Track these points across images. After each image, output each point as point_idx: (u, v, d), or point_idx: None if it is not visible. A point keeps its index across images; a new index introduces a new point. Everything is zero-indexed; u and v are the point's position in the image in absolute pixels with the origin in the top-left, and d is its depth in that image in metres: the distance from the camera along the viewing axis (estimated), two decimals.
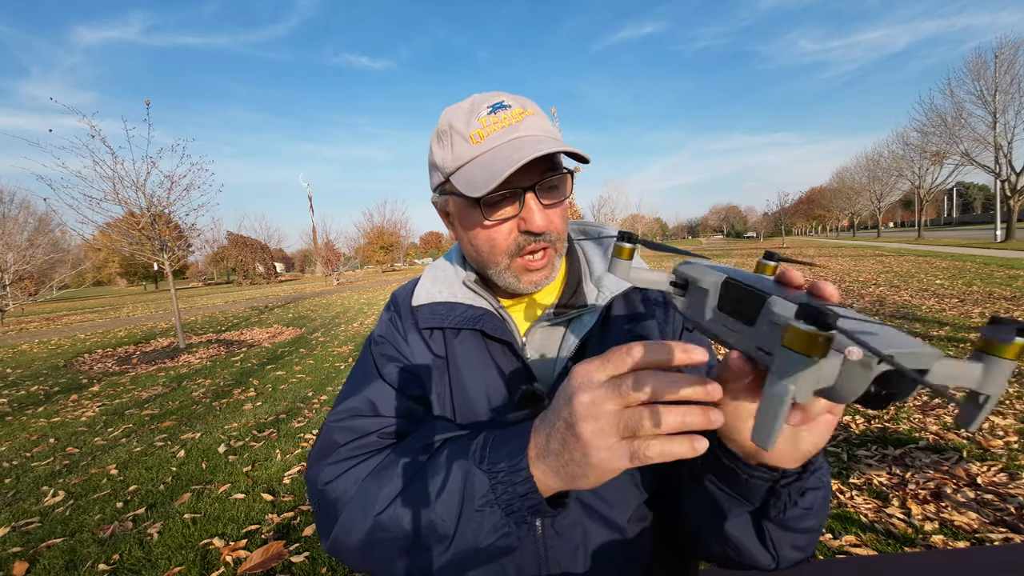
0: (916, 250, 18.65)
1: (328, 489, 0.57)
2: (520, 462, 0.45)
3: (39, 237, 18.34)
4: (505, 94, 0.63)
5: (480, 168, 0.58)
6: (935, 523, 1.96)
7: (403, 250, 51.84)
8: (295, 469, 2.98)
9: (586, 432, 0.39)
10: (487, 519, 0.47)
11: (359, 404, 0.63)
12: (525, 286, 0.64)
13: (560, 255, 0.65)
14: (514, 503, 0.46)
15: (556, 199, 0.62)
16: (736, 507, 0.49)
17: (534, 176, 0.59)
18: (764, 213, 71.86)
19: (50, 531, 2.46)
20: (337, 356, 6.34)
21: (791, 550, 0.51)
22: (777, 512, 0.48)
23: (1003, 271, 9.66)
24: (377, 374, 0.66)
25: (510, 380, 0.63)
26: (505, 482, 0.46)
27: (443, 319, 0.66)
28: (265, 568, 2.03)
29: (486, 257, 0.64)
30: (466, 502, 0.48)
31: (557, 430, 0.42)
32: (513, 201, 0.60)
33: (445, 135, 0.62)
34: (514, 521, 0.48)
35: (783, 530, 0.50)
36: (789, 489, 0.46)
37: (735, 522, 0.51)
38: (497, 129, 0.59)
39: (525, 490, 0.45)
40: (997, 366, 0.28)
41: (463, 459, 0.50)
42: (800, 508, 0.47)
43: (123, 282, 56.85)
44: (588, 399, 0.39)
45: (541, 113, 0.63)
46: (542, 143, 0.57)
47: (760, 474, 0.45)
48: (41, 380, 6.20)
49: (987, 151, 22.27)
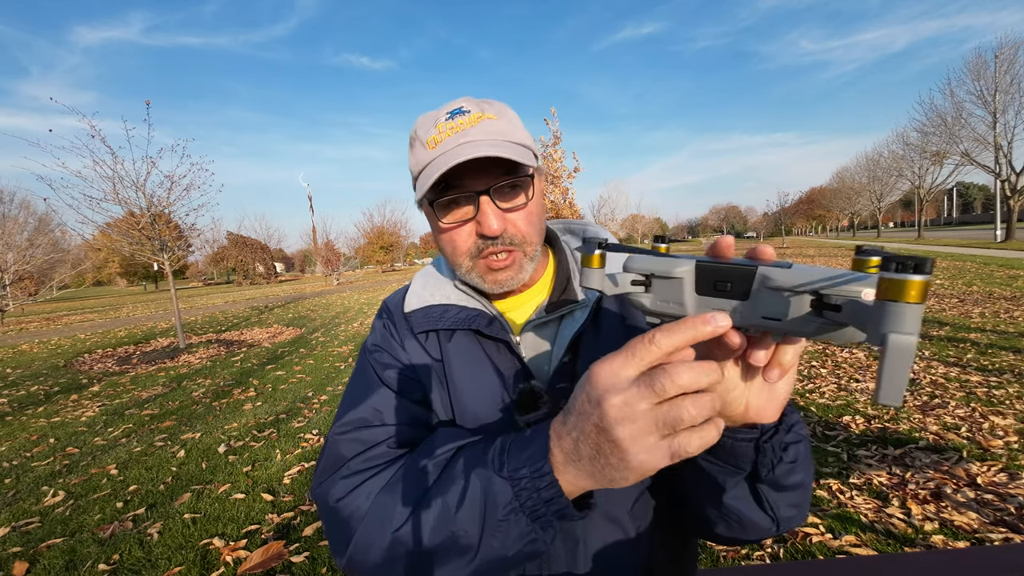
0: (916, 250, 18.65)
1: (340, 506, 0.55)
2: (543, 467, 0.45)
3: (39, 237, 18.34)
4: (471, 100, 0.64)
5: (428, 173, 0.60)
6: (935, 523, 1.96)
7: (403, 250, 51.85)
8: (295, 469, 2.98)
9: (623, 436, 0.38)
10: (513, 527, 0.47)
11: (364, 414, 0.63)
12: (490, 286, 0.64)
13: (530, 258, 0.65)
14: (539, 508, 0.46)
15: (515, 202, 0.62)
16: (730, 477, 0.51)
17: (489, 180, 0.60)
18: (764, 213, 71.92)
19: (50, 531, 2.46)
20: (337, 356, 6.35)
21: (787, 508, 0.53)
22: (767, 471, 0.49)
23: (1003, 271, 9.66)
24: (378, 381, 0.66)
25: (507, 379, 0.64)
26: (529, 488, 0.45)
27: (437, 321, 0.67)
28: (265, 568, 2.03)
29: (450, 259, 0.66)
30: (489, 512, 0.47)
31: (587, 435, 0.41)
32: (469, 204, 0.61)
33: (413, 141, 0.65)
34: (540, 527, 0.47)
35: (776, 490, 0.51)
36: (772, 444, 0.48)
37: (732, 493, 0.52)
38: (450, 135, 0.60)
39: (551, 495, 0.45)
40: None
41: (481, 467, 0.49)
42: (786, 463, 0.49)
43: (123, 282, 56.88)
44: (620, 401, 0.38)
45: (505, 117, 0.63)
46: (484, 147, 0.57)
47: (743, 435, 0.47)
48: (41, 380, 6.20)
49: (987, 151, 22.30)
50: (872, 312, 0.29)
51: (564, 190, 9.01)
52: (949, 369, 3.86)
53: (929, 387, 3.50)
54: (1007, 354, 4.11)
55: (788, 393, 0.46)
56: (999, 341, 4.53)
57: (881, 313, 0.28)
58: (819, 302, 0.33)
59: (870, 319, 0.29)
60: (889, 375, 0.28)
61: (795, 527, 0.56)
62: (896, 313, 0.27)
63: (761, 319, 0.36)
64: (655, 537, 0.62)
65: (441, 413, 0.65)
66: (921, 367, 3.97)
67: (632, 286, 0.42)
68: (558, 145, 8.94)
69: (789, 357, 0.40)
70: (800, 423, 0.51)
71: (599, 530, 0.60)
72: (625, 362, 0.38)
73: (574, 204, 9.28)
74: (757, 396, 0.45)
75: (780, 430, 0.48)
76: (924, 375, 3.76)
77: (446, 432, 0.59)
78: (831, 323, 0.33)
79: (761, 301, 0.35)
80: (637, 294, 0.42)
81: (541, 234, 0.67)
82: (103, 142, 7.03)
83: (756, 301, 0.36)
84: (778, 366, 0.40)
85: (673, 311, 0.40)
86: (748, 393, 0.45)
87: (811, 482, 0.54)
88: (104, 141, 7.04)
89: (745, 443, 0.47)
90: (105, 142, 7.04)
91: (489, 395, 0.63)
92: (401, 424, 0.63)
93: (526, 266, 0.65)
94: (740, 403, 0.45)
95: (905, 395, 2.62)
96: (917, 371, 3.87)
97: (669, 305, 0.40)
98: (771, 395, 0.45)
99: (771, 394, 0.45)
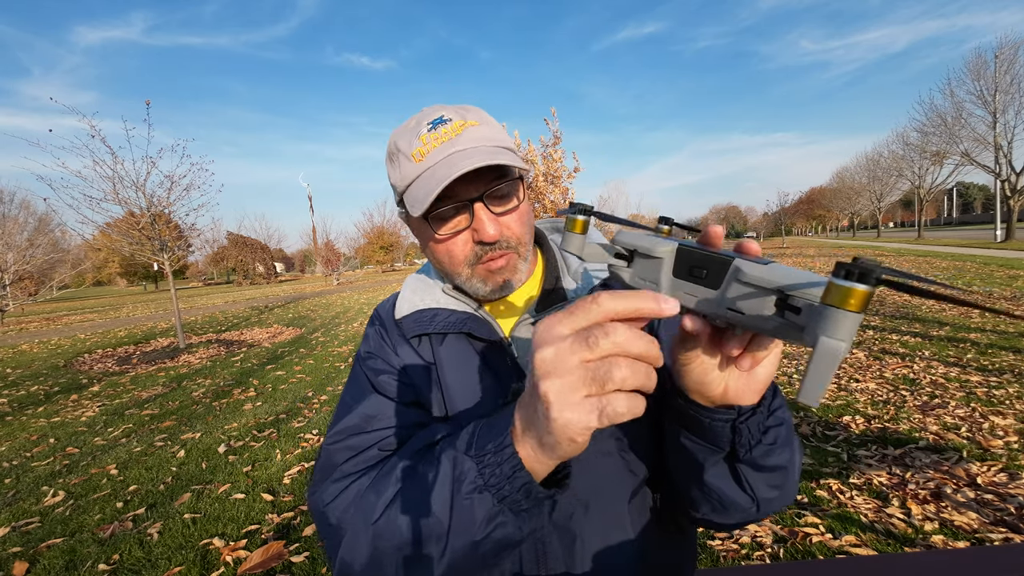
0: (916, 250, 18.66)
1: (330, 509, 0.55)
2: (503, 440, 0.44)
3: (39, 237, 18.34)
4: (447, 108, 0.63)
5: (420, 186, 0.59)
6: (935, 523, 1.96)
7: (403, 250, 51.73)
8: (295, 469, 2.98)
9: (550, 389, 0.36)
10: (478, 507, 0.46)
11: (356, 421, 0.63)
12: (492, 289, 0.64)
13: (524, 259, 0.66)
14: (503, 486, 0.44)
15: (507, 206, 0.62)
16: (710, 456, 0.51)
17: (480, 186, 0.59)
18: (764, 213, 71.86)
19: (50, 531, 2.46)
20: (337, 356, 6.35)
21: (767, 489, 0.53)
22: (745, 451, 0.49)
23: (1003, 271, 9.66)
24: (371, 388, 0.66)
25: (500, 380, 0.64)
26: (491, 464, 0.45)
27: (427, 325, 0.67)
28: (265, 568, 2.03)
29: (448, 269, 0.65)
30: (455, 493, 0.46)
31: (529, 394, 0.41)
32: (463, 213, 0.61)
33: (394, 156, 0.63)
34: (509, 508, 0.46)
35: (755, 470, 0.52)
36: (748, 425, 0.48)
37: (712, 471, 0.52)
38: (436, 145, 0.59)
39: (511, 469, 0.44)
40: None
41: (451, 449, 0.49)
42: (764, 445, 0.49)
43: (123, 282, 56.86)
44: (551, 353, 0.37)
45: (486, 122, 0.63)
46: (476, 156, 0.57)
47: (720, 415, 0.47)
48: (41, 380, 6.20)
49: (987, 151, 22.29)
50: (816, 314, 0.29)
51: (564, 190, 9.01)
52: (949, 369, 3.86)
53: (929, 387, 3.50)
54: (1007, 354, 4.11)
55: (768, 378, 0.46)
56: (999, 341, 4.53)
57: (820, 316, 0.28)
58: (783, 302, 0.33)
59: (813, 320, 0.29)
60: (812, 377, 0.29)
61: (778, 509, 0.57)
62: (832, 318, 0.27)
63: (726, 310, 0.36)
64: (653, 535, 0.62)
65: (436, 416, 0.65)
66: (921, 367, 3.97)
67: (615, 259, 0.43)
68: (558, 145, 8.95)
69: (762, 349, 0.40)
70: (783, 407, 0.52)
71: (597, 527, 0.60)
72: (564, 317, 0.37)
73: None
74: (736, 380, 0.46)
75: (759, 412, 0.48)
76: (924, 375, 3.76)
77: (435, 427, 0.60)
78: (789, 324, 0.32)
79: (730, 292, 0.36)
80: (619, 267, 0.43)
81: (532, 234, 0.68)
82: (103, 142, 7.03)
83: (725, 292, 0.36)
84: (750, 357, 0.40)
85: (647, 288, 0.41)
86: (726, 376, 0.46)
87: (795, 467, 0.54)
88: (104, 141, 7.04)
89: (722, 423, 0.48)
90: (105, 142, 7.04)
91: (483, 396, 0.64)
92: (393, 427, 0.63)
93: (521, 267, 0.65)
94: (718, 385, 0.46)
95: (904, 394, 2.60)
96: (917, 371, 3.87)
97: (645, 284, 0.41)
98: (749, 379, 0.46)
99: (749, 378, 0.46)
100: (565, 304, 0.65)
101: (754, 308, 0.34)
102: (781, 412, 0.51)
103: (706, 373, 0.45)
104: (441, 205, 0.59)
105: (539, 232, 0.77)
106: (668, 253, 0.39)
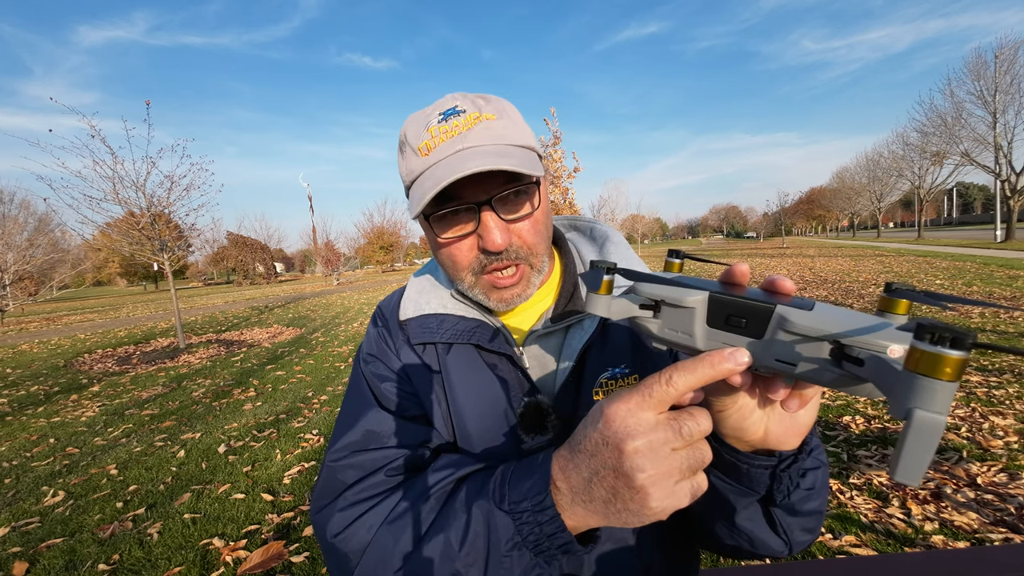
0: (916, 250, 18.64)
1: (339, 541, 0.53)
2: (544, 500, 0.43)
3: (39, 237, 18.36)
4: (466, 96, 0.57)
5: (421, 185, 0.54)
6: (935, 523, 1.96)
7: (403, 250, 51.73)
8: (295, 469, 2.98)
9: (645, 481, 0.36)
10: (516, 563, 0.45)
11: (360, 437, 0.59)
12: (495, 304, 0.60)
13: (537, 270, 0.60)
14: (543, 543, 0.44)
15: (519, 213, 0.56)
16: (743, 498, 0.49)
17: (490, 188, 0.54)
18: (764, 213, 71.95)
19: (50, 531, 2.45)
20: (337, 356, 6.34)
21: (801, 533, 0.52)
22: (782, 497, 0.47)
23: (1003, 271, 9.66)
24: (373, 398, 0.63)
25: (511, 394, 0.60)
26: (530, 523, 0.44)
27: (433, 333, 0.62)
28: (265, 568, 2.03)
29: (451, 273, 0.61)
30: (492, 549, 0.45)
31: (602, 478, 0.39)
32: (470, 217, 0.55)
33: (403, 146, 0.59)
34: (544, 560, 0.46)
35: (791, 515, 0.50)
36: (789, 472, 0.46)
37: (745, 513, 0.50)
38: (444, 140, 0.54)
39: (553, 530, 0.43)
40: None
41: (482, 499, 0.47)
42: (803, 490, 0.47)
43: (123, 282, 56.83)
44: (643, 446, 0.36)
45: (506, 116, 0.57)
46: (483, 157, 0.52)
47: (760, 462, 0.45)
48: (41, 380, 6.19)
49: (987, 151, 22.27)
50: (899, 379, 0.26)
51: (564, 190, 9.04)
52: None
53: None
54: (1007, 354, 4.11)
55: (811, 421, 0.43)
56: (999, 341, 4.52)
57: (909, 385, 0.25)
58: (839, 352, 0.30)
59: (896, 384, 0.26)
60: (912, 454, 0.25)
61: (806, 548, 0.55)
62: (926, 389, 0.24)
63: (775, 361, 0.33)
64: (656, 537, 0.61)
65: (441, 430, 0.61)
66: None
67: (640, 310, 0.40)
68: (558, 145, 8.97)
69: (812, 390, 0.38)
70: (820, 448, 0.49)
71: (605, 548, 0.59)
72: (642, 403, 0.37)
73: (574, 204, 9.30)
74: (777, 424, 0.43)
75: (799, 458, 0.46)
76: None
77: (447, 459, 0.56)
78: (850, 376, 0.30)
79: (776, 343, 0.33)
80: (644, 319, 0.40)
81: (548, 241, 0.62)
82: (103, 142, 7.02)
83: (771, 342, 0.33)
84: (798, 397, 0.37)
85: (682, 340, 0.38)
86: (767, 420, 0.43)
87: (826, 507, 0.52)
88: (104, 141, 7.04)
89: (762, 469, 0.46)
90: (105, 142, 7.04)
91: (491, 411, 0.60)
92: (399, 447, 0.59)
93: (533, 280, 0.60)
94: (758, 429, 0.43)
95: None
96: None
97: (678, 334, 0.38)
98: (791, 423, 0.43)
99: (791, 421, 0.43)
100: (581, 314, 0.61)
101: (807, 360, 0.32)
102: (819, 453, 0.48)
103: (744, 418, 0.42)
104: (445, 207, 0.54)
105: (557, 232, 0.71)
106: (700, 303, 0.36)
